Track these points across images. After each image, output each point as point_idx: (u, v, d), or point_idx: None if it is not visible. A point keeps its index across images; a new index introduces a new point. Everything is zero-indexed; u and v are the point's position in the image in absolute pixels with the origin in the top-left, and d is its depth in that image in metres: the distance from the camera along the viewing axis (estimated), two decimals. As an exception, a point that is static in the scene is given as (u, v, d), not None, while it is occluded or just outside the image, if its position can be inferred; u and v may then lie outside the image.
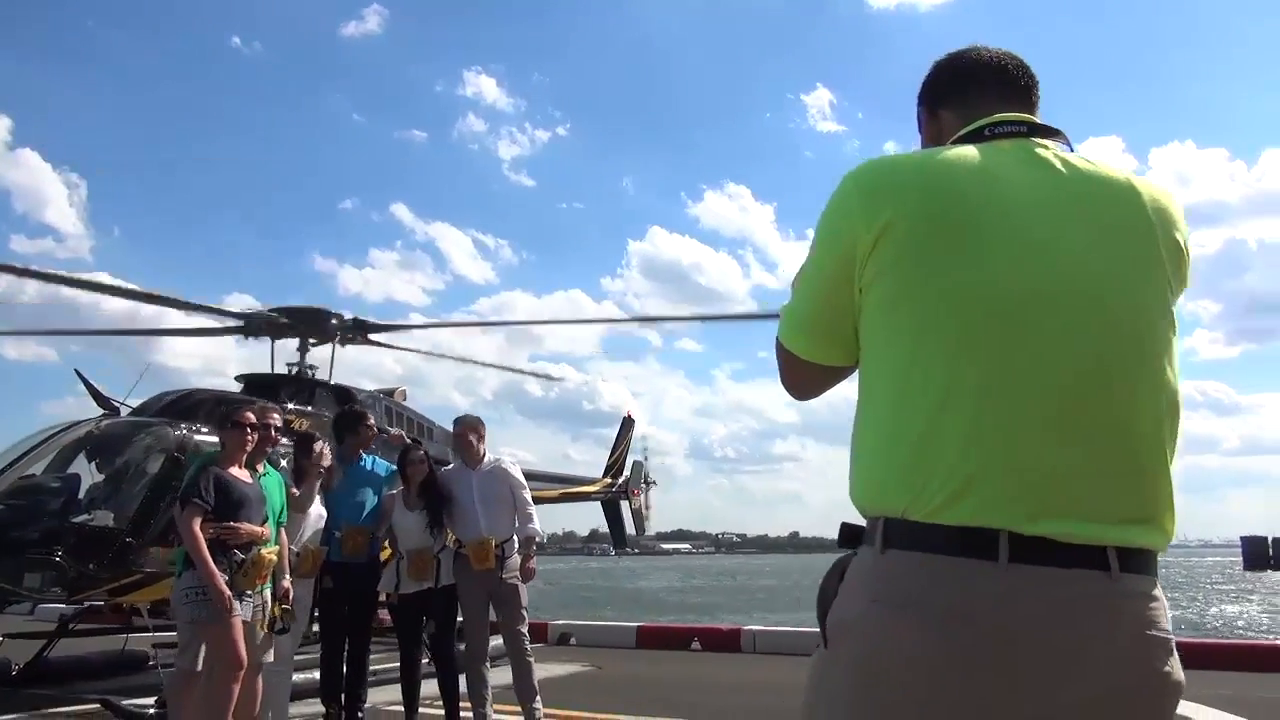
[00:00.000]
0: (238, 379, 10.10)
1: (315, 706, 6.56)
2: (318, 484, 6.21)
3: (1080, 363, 1.43)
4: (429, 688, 6.49)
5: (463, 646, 6.52)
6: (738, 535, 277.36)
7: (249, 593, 5.09)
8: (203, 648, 5.19)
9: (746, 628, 12.39)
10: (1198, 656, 9.88)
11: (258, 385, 9.82)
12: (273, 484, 5.55)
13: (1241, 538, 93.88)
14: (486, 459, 6.64)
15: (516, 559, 6.49)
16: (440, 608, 6.39)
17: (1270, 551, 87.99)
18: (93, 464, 8.03)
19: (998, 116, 1.62)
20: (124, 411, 8.67)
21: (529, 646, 6.44)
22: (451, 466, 6.75)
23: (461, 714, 6.32)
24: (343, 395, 10.10)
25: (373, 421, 6.77)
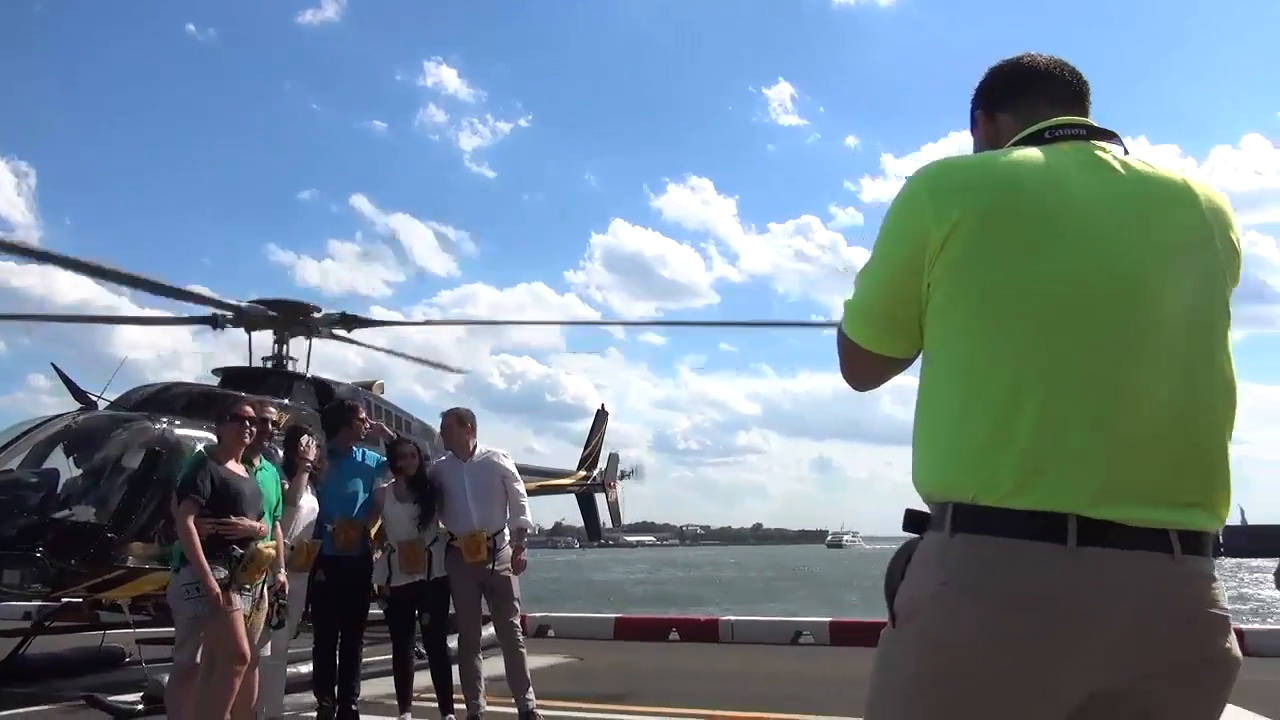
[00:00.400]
0: (215, 372, 10.01)
1: (308, 698, 6.55)
2: (306, 477, 6.20)
3: (1141, 354, 1.51)
4: (422, 679, 6.50)
5: (455, 638, 6.53)
6: (701, 527, 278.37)
7: (247, 587, 5.07)
8: (200, 642, 5.18)
9: (724, 618, 12.51)
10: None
11: (236, 378, 9.73)
12: (269, 478, 5.53)
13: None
14: (477, 451, 6.65)
15: (508, 551, 6.51)
16: (432, 600, 6.39)
17: (1219, 538, 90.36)
18: (72, 458, 7.93)
19: (1057, 120, 1.70)
20: (101, 405, 8.55)
21: (522, 638, 6.48)
22: (443, 459, 6.75)
23: (455, 705, 6.35)
24: (323, 389, 10.04)
25: (365, 415, 6.76)
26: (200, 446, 5.83)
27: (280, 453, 6.23)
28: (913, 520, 1.65)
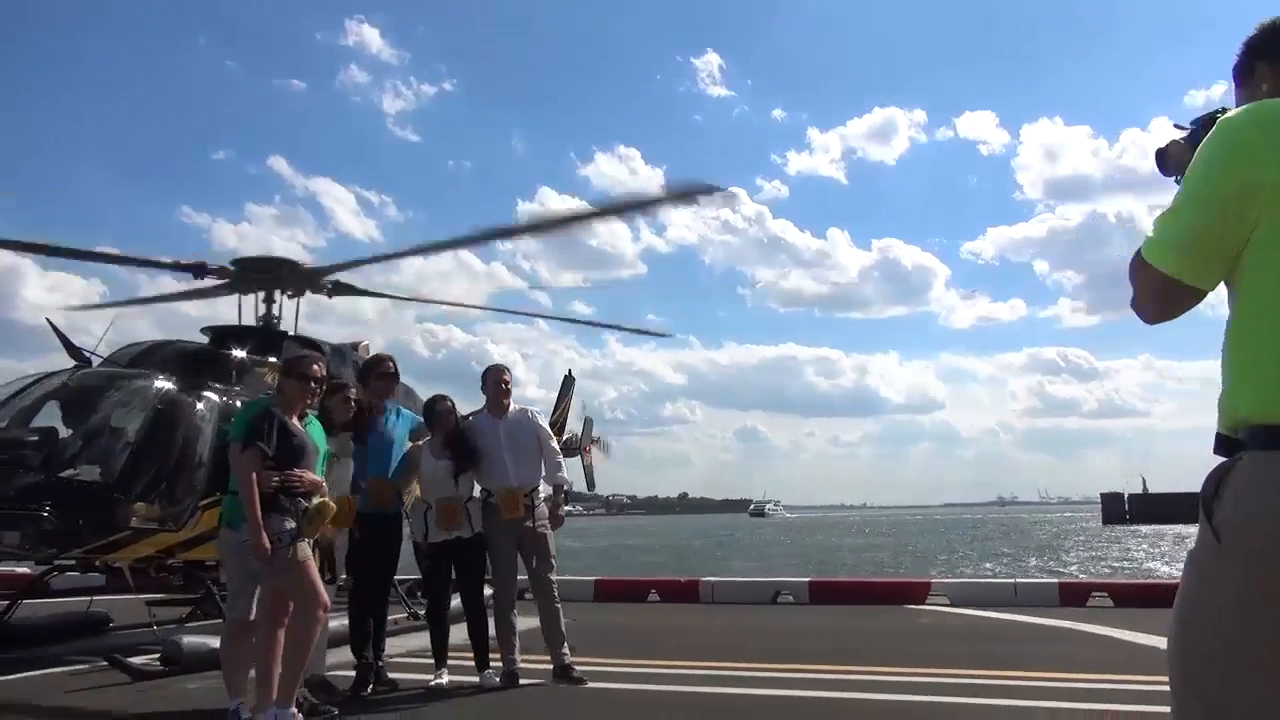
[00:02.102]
0: (204, 330, 9.71)
1: (341, 656, 6.48)
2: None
3: None
4: (457, 635, 6.51)
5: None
6: (628, 496, 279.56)
7: (308, 540, 5.00)
8: (256, 596, 5.11)
9: (705, 579, 12.70)
10: (1139, 596, 10.74)
11: (225, 337, 9.47)
12: (316, 432, 5.44)
13: (1101, 494, 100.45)
14: (511, 409, 6.65)
15: (544, 508, 6.54)
16: (470, 557, 6.39)
17: (1126, 507, 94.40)
18: (71, 416, 7.66)
19: None
20: (95, 363, 8.26)
21: (558, 594, 6.53)
22: (477, 415, 6.71)
23: (491, 661, 6.38)
24: (311, 348, 9.80)
25: (393, 369, 6.63)
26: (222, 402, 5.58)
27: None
28: (1226, 444, 1.77)
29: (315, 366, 5.25)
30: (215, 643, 7.07)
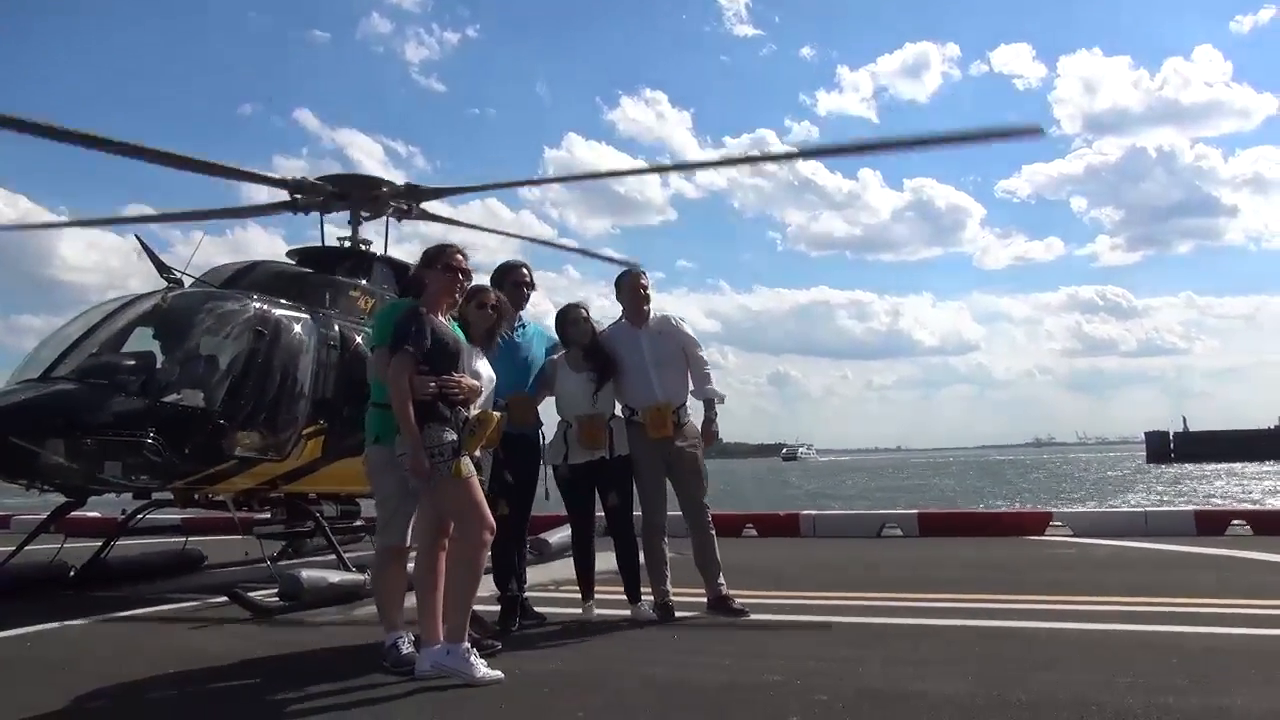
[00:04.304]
0: (290, 254, 9.16)
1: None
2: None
3: None
4: (603, 563, 5.98)
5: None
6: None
7: (473, 454, 4.40)
8: (412, 520, 4.56)
9: (805, 512, 12.16)
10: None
11: (311, 259, 8.91)
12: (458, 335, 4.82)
13: (1145, 433, 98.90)
14: (653, 316, 6.03)
15: (694, 425, 5.95)
16: (617, 479, 5.81)
17: (1170, 445, 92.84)
18: (169, 339, 7.14)
19: None
20: (187, 284, 7.72)
21: (711, 519, 5.96)
22: (615, 325, 6.08)
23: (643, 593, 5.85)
24: (401, 270, 9.24)
25: (529, 278, 5.94)
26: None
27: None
28: None
29: (459, 256, 4.59)
30: (334, 578, 6.71)
